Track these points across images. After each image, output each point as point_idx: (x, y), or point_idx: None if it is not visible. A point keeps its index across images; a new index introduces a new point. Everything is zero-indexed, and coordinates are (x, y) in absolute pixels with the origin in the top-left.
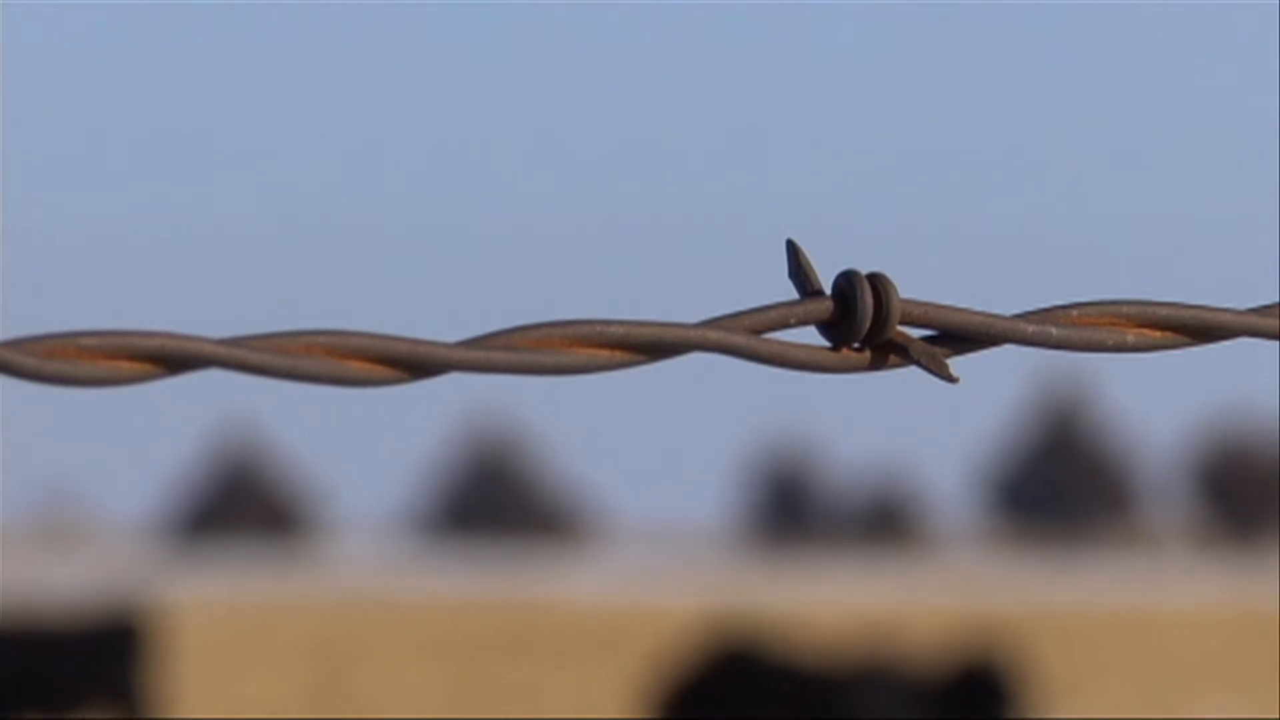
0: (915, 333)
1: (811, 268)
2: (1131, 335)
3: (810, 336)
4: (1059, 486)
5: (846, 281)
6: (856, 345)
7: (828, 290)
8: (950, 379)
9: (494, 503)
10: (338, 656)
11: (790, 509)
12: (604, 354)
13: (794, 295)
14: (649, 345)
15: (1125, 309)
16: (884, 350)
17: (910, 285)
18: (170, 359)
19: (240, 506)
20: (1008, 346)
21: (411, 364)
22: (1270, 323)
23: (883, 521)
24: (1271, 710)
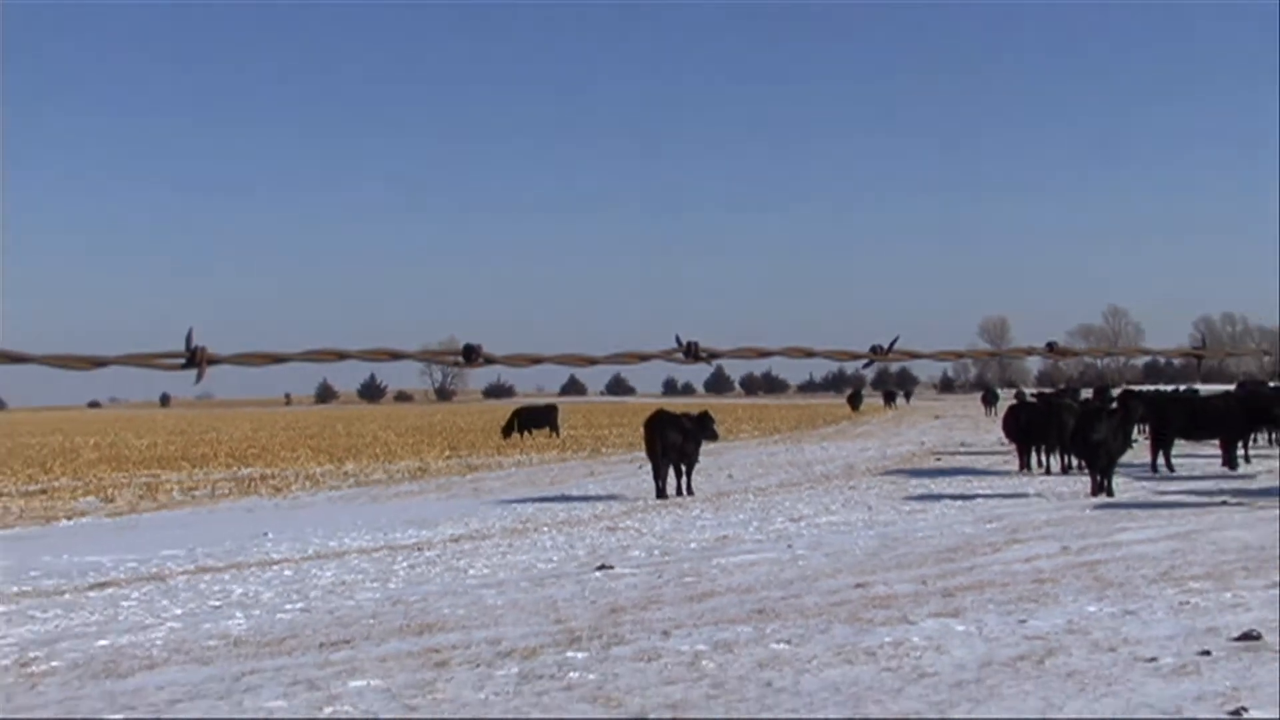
0: (705, 353)
1: (681, 340)
2: (756, 358)
3: (680, 358)
4: None
5: (689, 343)
6: (692, 359)
7: (684, 343)
8: (709, 365)
9: None
10: None
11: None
12: (639, 361)
13: (674, 346)
14: (646, 356)
15: (756, 346)
16: (699, 359)
17: (711, 338)
18: None
19: None
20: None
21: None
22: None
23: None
24: None
